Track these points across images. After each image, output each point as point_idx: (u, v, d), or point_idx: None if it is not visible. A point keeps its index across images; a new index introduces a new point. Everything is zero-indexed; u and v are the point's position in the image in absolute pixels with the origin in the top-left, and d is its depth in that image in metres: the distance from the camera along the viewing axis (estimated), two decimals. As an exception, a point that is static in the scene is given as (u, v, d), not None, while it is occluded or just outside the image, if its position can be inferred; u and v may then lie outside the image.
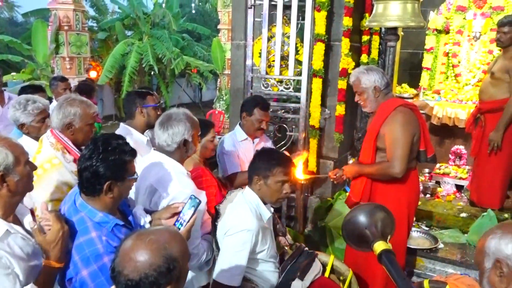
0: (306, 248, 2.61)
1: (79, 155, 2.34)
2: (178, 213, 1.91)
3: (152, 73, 13.53)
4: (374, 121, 2.83)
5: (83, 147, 2.47)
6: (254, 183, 2.28)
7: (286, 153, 3.21)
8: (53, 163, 2.30)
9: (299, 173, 2.98)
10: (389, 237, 1.92)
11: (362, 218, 1.91)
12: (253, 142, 3.37)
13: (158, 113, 2.94)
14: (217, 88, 11.68)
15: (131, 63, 11.59)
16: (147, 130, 2.99)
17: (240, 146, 3.31)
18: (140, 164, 2.22)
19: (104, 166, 1.72)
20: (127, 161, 1.79)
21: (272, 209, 2.38)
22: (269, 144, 3.51)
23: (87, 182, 1.74)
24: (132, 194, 2.16)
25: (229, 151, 3.26)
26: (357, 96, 2.87)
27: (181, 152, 2.33)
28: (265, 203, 2.30)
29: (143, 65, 12.06)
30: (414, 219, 3.59)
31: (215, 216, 2.36)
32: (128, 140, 1.89)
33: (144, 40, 12.46)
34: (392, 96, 2.85)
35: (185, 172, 2.32)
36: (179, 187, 2.19)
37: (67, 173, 2.31)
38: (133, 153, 1.83)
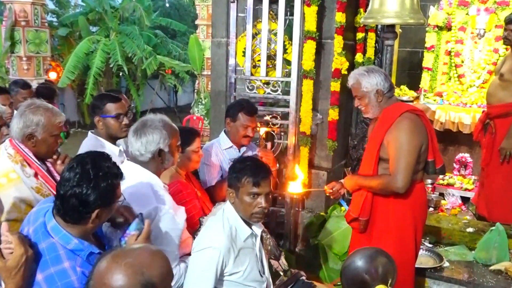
0: (304, 277, 2.56)
1: (41, 168, 2.33)
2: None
3: (120, 74, 13.45)
4: (377, 128, 2.84)
5: (47, 159, 2.47)
6: (228, 196, 2.29)
7: (267, 155, 3.24)
8: (10, 178, 2.26)
9: (295, 186, 3.00)
10: (390, 282, 1.95)
11: (361, 263, 1.95)
12: (239, 151, 3.39)
13: (123, 122, 2.90)
14: (195, 91, 11.65)
15: (96, 63, 11.51)
16: (121, 140, 2.97)
17: (224, 155, 3.33)
18: None
19: (95, 194, 1.72)
20: (117, 185, 1.81)
21: (260, 228, 2.38)
22: (255, 151, 3.54)
23: (73, 210, 1.72)
24: None
25: (210, 161, 3.28)
26: (357, 101, 2.88)
27: (156, 163, 2.32)
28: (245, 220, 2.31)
29: (111, 65, 11.97)
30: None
31: (198, 229, 2.37)
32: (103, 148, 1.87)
33: (112, 37, 12.40)
34: (396, 100, 2.87)
35: (162, 185, 2.32)
36: (154, 202, 2.19)
37: (26, 189, 2.27)
38: (122, 175, 1.84)
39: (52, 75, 10.42)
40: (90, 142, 2.86)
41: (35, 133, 2.34)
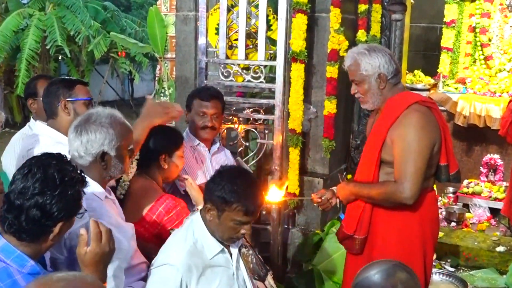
0: None
1: None
2: None
3: (60, 58, 13.33)
4: (379, 123, 2.87)
5: None
6: (205, 211, 2.36)
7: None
8: None
9: (273, 194, 3.04)
10: None
11: (377, 278, 1.98)
12: (209, 151, 3.42)
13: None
14: (156, 78, 11.61)
15: (29, 44, 11.38)
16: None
17: (192, 154, 3.38)
18: None
19: (61, 204, 1.78)
20: (82, 195, 1.88)
21: (240, 242, 2.45)
22: (229, 156, 3.57)
23: (33, 224, 1.76)
24: None
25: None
26: (354, 87, 2.90)
27: (98, 168, 2.34)
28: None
29: (47, 47, 11.85)
30: (435, 256, 3.70)
31: None
32: (46, 146, 1.88)
33: (48, 10, 12.28)
34: (403, 89, 2.90)
35: (102, 195, 2.35)
36: (86, 216, 2.19)
37: None
38: (86, 182, 1.91)
39: (-29, 60, 10.28)
40: (44, 138, 2.85)
41: None
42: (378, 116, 2.91)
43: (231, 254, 2.42)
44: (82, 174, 1.92)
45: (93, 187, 2.29)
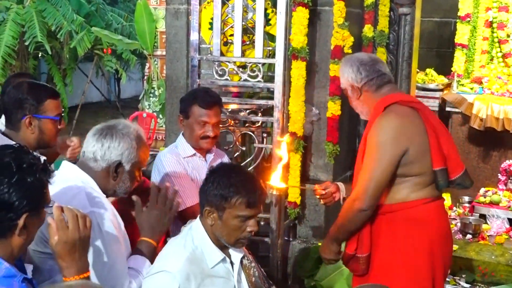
0: None
1: None
2: None
3: (40, 55, 13.33)
4: (364, 132, 2.96)
5: None
6: (205, 215, 2.40)
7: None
8: None
9: (275, 179, 3.06)
10: None
11: None
12: (206, 160, 3.43)
13: (60, 127, 2.94)
14: (145, 78, 11.64)
15: (5, 40, 11.36)
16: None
17: (186, 166, 3.38)
18: None
19: (20, 192, 1.80)
20: (46, 183, 1.90)
21: (240, 253, 2.48)
22: (227, 160, 3.58)
23: None
24: None
25: (175, 171, 3.32)
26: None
27: (108, 177, 2.44)
28: (219, 242, 2.41)
29: (26, 43, 11.85)
30: (449, 271, 3.72)
31: None
32: None
33: (27, 3, 12.29)
34: (387, 92, 2.94)
35: (101, 193, 2.43)
36: (88, 206, 2.30)
37: None
38: (49, 171, 1.93)
39: None
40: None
41: None
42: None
43: (232, 265, 2.45)
44: (47, 165, 1.94)
45: (90, 183, 2.41)
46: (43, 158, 2.52)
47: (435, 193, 2.90)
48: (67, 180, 2.38)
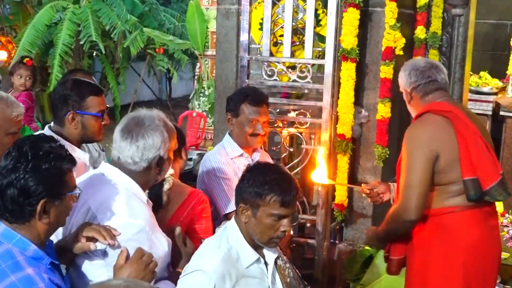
0: None
1: None
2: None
3: (94, 54, 13.57)
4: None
5: None
6: (239, 213, 2.41)
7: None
8: None
9: (319, 175, 3.06)
10: None
11: None
12: (253, 160, 3.43)
13: (103, 123, 3.00)
14: (196, 77, 11.73)
15: (62, 39, 11.57)
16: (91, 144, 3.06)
17: (234, 166, 3.38)
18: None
19: (35, 179, 1.87)
20: (65, 170, 1.96)
21: (275, 253, 2.47)
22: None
23: (12, 203, 1.88)
24: None
25: (223, 172, 3.31)
26: None
27: (150, 174, 2.44)
28: (254, 242, 2.41)
29: (81, 42, 12.08)
30: (499, 279, 3.63)
31: None
32: None
33: (83, 3, 12.52)
34: (435, 98, 2.96)
35: (144, 198, 2.43)
36: (125, 217, 2.29)
37: None
38: (72, 160, 1.99)
39: (2, 55, 10.56)
40: None
41: None
42: None
43: (266, 266, 2.44)
44: (68, 153, 2.01)
45: (133, 187, 2.40)
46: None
47: (463, 203, 2.85)
48: (111, 184, 2.38)
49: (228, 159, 3.38)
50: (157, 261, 2.29)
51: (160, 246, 2.38)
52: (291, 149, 4.18)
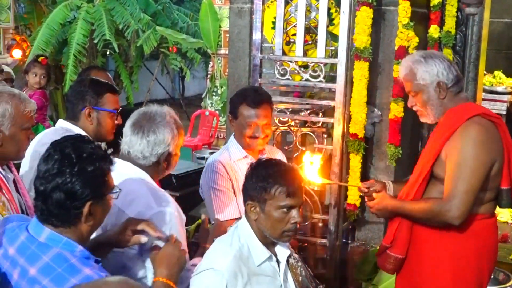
0: None
1: (5, 180, 2.44)
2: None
3: (108, 53, 13.64)
4: (435, 135, 2.88)
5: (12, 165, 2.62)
6: (248, 211, 2.42)
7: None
8: None
9: (312, 174, 3.02)
10: None
11: None
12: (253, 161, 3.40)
13: (117, 121, 3.07)
14: (208, 76, 11.76)
15: (76, 38, 11.63)
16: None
17: (236, 169, 3.35)
18: None
19: (81, 181, 1.91)
20: (107, 171, 2.01)
21: (287, 251, 2.48)
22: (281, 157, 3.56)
23: (58, 207, 1.91)
24: None
25: (216, 185, 3.29)
26: (411, 99, 2.92)
27: (159, 169, 2.54)
28: (266, 239, 2.42)
29: (95, 41, 12.14)
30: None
31: None
32: None
33: (97, 2, 12.58)
34: (465, 99, 2.88)
35: (159, 189, 2.51)
36: (154, 206, 2.37)
37: None
38: (110, 159, 2.04)
39: (16, 53, 10.62)
40: (53, 135, 2.94)
41: (2, 127, 2.45)
42: (435, 128, 2.90)
43: (278, 264, 2.45)
44: (107, 153, 2.05)
45: (147, 177, 2.50)
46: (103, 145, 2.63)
47: (493, 210, 2.84)
48: (127, 178, 2.43)
49: (230, 163, 3.34)
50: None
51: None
52: (304, 148, 4.17)
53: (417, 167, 2.92)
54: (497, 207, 2.92)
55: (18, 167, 3.08)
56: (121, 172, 2.41)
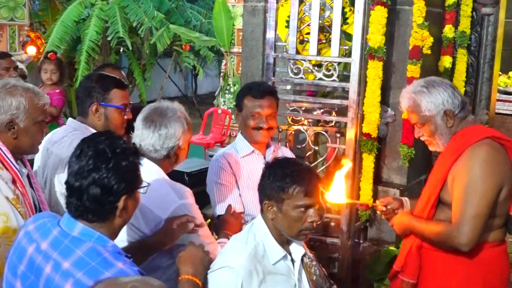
0: None
1: (18, 173, 2.46)
2: None
3: (121, 50, 13.69)
4: (442, 157, 2.81)
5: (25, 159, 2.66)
6: (265, 210, 2.43)
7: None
8: None
9: (337, 194, 2.98)
10: None
11: None
12: (264, 157, 3.41)
13: (126, 117, 3.06)
14: (221, 74, 11.78)
15: (90, 35, 11.70)
16: None
17: (243, 166, 3.36)
18: None
19: (117, 176, 1.96)
20: (138, 166, 2.08)
21: (301, 250, 2.49)
22: (287, 153, 3.58)
23: (94, 202, 1.95)
24: None
25: (218, 179, 3.31)
26: (417, 130, 2.86)
27: (169, 162, 2.63)
28: (281, 238, 2.43)
29: (108, 38, 12.19)
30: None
31: None
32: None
33: (111, 0, 12.63)
34: (473, 122, 2.81)
35: (174, 182, 2.60)
36: (176, 200, 2.48)
37: (3, 201, 2.40)
38: (139, 155, 2.10)
39: (31, 50, 10.68)
40: (73, 135, 2.97)
41: (16, 119, 2.49)
42: (442, 152, 2.82)
43: (293, 263, 2.45)
44: (136, 148, 2.12)
45: (162, 172, 2.58)
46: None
47: (502, 236, 2.76)
48: (145, 171, 2.46)
49: (237, 159, 3.35)
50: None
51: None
52: (316, 147, 4.17)
53: (425, 192, 2.86)
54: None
55: (31, 163, 3.12)
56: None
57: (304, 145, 4.14)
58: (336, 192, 2.99)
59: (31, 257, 1.99)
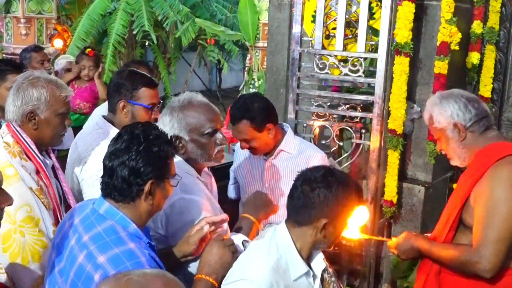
0: None
1: (42, 164, 2.49)
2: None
3: (147, 44, 13.76)
4: (463, 178, 2.72)
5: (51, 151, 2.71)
6: (317, 229, 2.23)
7: None
8: (6, 174, 2.36)
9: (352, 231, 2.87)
10: None
11: None
12: (265, 158, 3.46)
13: (153, 116, 3.03)
14: (246, 68, 11.78)
15: (116, 29, 11.77)
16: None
17: (252, 162, 3.53)
18: None
19: (145, 160, 2.04)
20: (171, 155, 2.15)
21: (322, 265, 2.34)
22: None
23: (122, 182, 2.04)
24: None
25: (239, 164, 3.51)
26: (438, 144, 2.82)
27: (192, 151, 2.61)
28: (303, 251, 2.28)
29: (134, 32, 12.26)
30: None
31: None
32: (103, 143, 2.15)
33: (137, -6, 12.70)
34: (496, 138, 2.70)
35: (194, 174, 2.61)
36: (178, 192, 2.45)
37: (26, 191, 2.42)
38: (175, 147, 2.20)
39: (58, 43, 10.77)
40: (97, 133, 2.99)
41: (37, 110, 2.52)
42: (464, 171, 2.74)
43: (314, 279, 2.31)
44: (170, 137, 2.20)
45: (182, 165, 2.56)
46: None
47: None
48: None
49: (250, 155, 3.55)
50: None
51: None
52: (341, 143, 4.16)
53: (444, 213, 2.76)
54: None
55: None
56: None
57: (328, 140, 4.14)
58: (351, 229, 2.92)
59: (66, 231, 2.14)
